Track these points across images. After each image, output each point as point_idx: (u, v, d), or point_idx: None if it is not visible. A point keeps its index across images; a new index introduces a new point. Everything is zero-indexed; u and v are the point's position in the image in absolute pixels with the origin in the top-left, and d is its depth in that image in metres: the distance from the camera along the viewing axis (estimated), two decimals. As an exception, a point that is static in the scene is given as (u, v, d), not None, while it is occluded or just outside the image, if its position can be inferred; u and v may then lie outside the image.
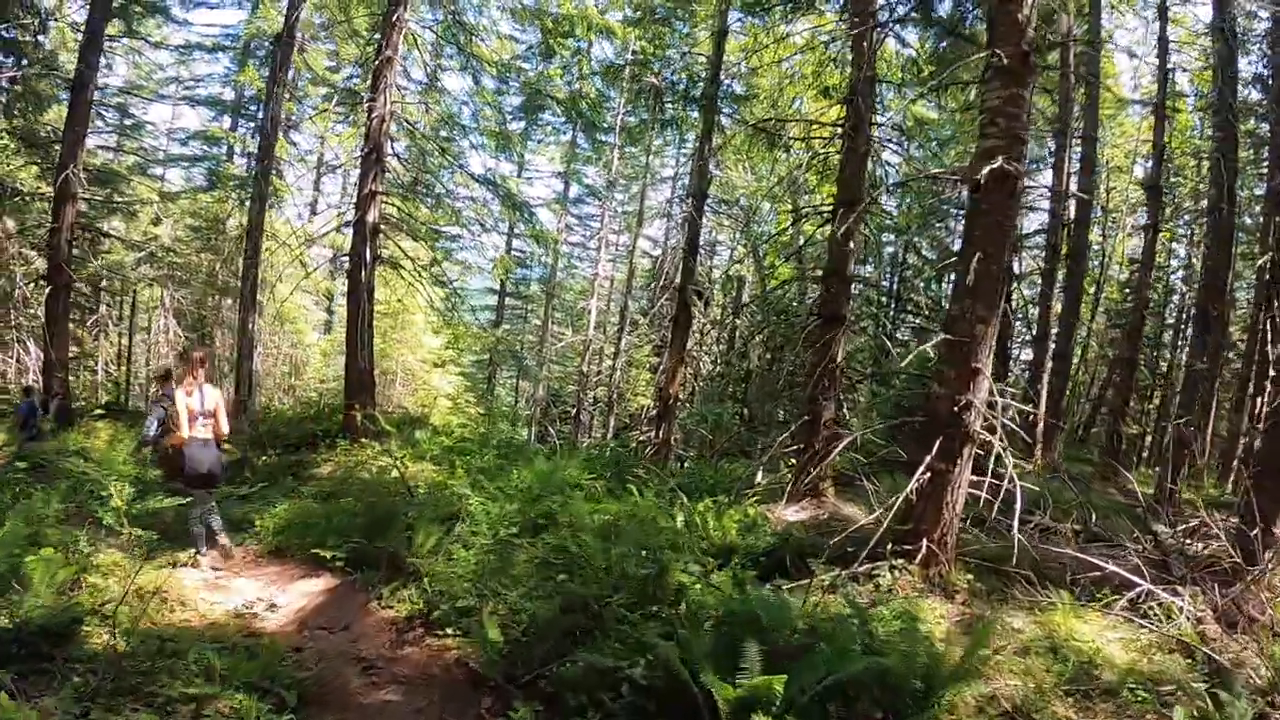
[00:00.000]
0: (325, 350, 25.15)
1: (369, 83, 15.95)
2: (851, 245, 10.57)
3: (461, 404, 23.35)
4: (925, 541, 6.72)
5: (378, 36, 16.10)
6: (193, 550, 7.14)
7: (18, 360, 20.09)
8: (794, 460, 11.03)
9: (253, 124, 26.01)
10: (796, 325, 16.20)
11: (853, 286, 11.52)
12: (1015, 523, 6.41)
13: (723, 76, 16.38)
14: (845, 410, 11.85)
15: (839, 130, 10.87)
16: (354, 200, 16.12)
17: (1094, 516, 8.83)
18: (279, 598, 6.81)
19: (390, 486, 9.48)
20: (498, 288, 33.63)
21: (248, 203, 18.96)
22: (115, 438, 15.41)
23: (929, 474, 6.71)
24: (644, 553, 6.17)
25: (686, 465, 16.73)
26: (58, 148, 16.47)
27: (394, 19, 15.09)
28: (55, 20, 18.56)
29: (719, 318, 25.45)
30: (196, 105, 26.55)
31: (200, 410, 6.77)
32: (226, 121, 27.34)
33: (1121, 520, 9.17)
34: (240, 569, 7.59)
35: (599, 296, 29.04)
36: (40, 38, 18.12)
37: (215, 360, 22.56)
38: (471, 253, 29.43)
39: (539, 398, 29.10)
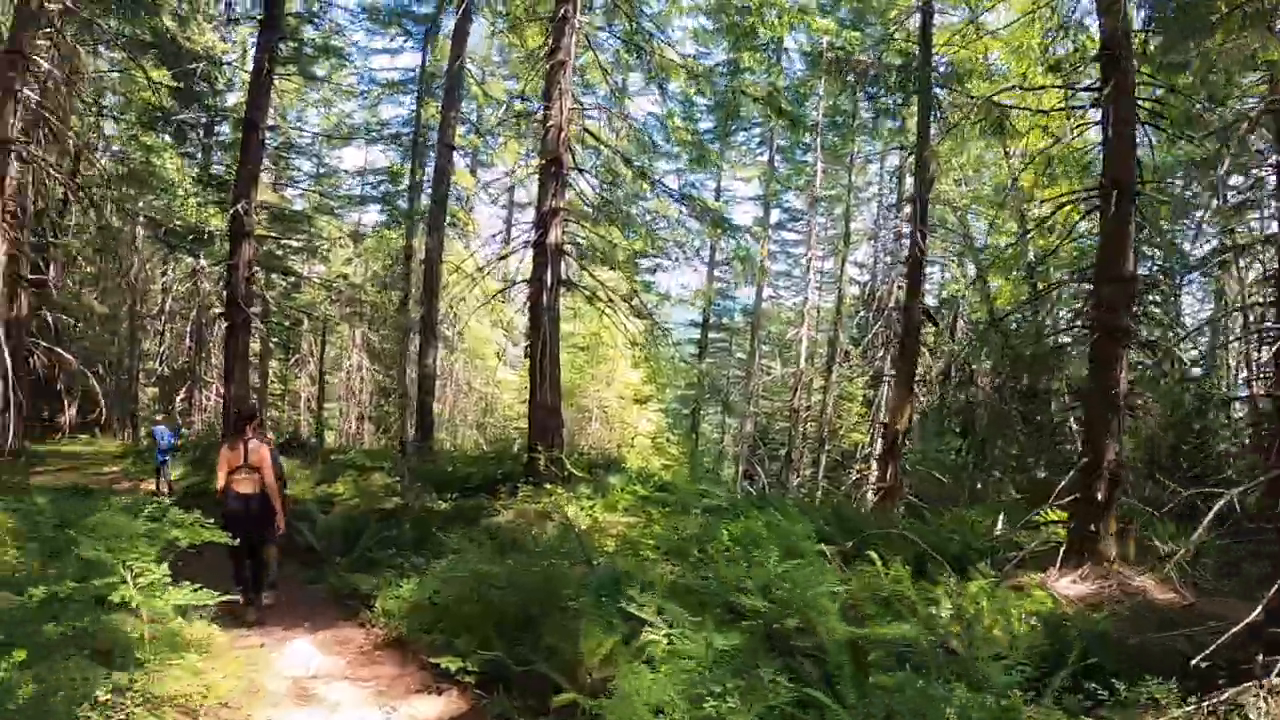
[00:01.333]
0: (517, 385, 24.15)
1: (543, 89, 14.74)
2: (1129, 237, 8.29)
3: (662, 443, 21.55)
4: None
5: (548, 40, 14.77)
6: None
7: (206, 399, 20.20)
8: (1063, 512, 8.43)
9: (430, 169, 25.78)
10: (1026, 345, 14.61)
11: (1134, 290, 9.03)
12: None
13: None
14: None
15: (1096, 97, 8.63)
16: (534, 221, 14.75)
17: None
18: (383, 721, 5.02)
19: (567, 547, 7.92)
20: (700, 319, 32.07)
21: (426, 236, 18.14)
22: (289, 476, 14.79)
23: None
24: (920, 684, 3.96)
25: (913, 514, 14.07)
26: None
27: (562, 14, 13.74)
28: (225, 65, 18.59)
29: (931, 343, 22.47)
30: (379, 143, 26.58)
31: (242, 463, 6.74)
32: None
33: None
34: (348, 667, 5.84)
35: (809, 325, 26.67)
36: (207, 84, 17.97)
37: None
38: (672, 281, 28.10)
39: (746, 434, 27.14)
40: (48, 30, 11.98)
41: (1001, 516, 9.74)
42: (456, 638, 5.47)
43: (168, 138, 19.10)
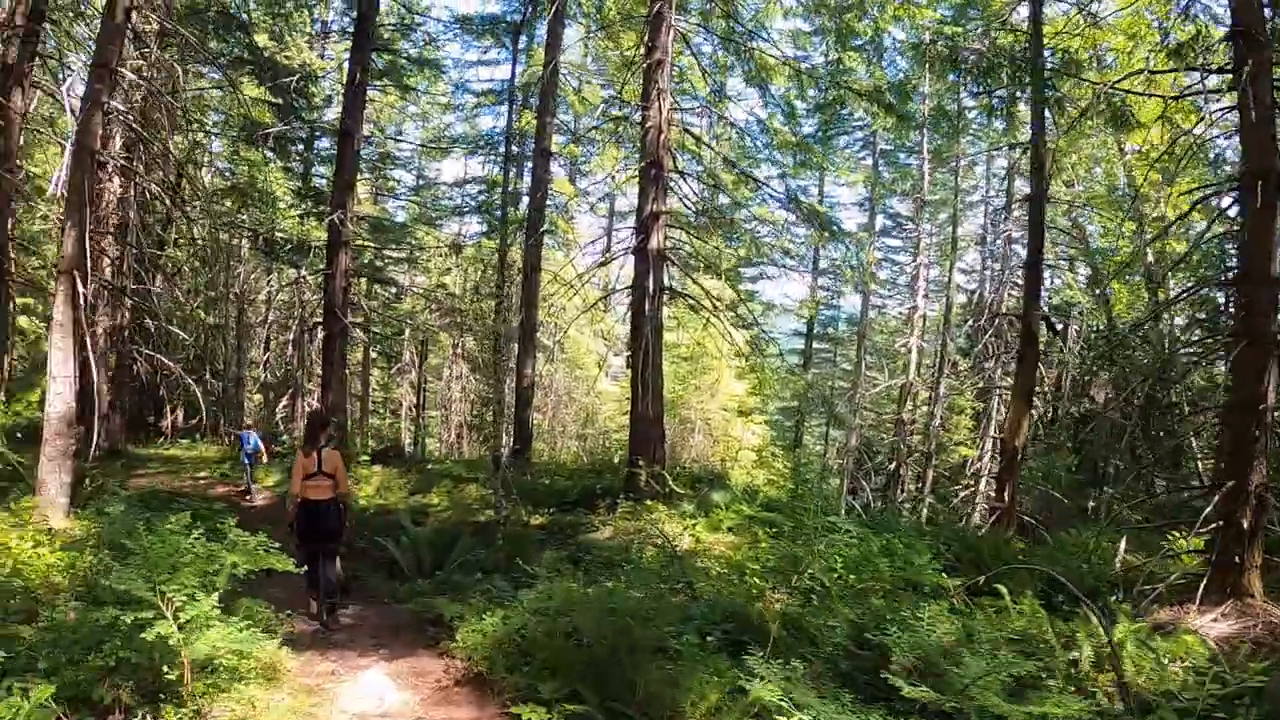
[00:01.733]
0: (618, 396, 23.58)
1: (640, 91, 14.28)
2: (1274, 233, 7.20)
3: (767, 457, 20.57)
4: None
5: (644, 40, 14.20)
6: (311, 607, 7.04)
7: (307, 406, 20.29)
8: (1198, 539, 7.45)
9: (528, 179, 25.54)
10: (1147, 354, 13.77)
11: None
12: None
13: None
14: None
15: (1230, 80, 7.77)
16: (634, 225, 14.16)
17: None
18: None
19: (668, 572, 7.50)
20: (804, 329, 30.96)
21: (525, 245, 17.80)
22: (384, 485, 14.58)
23: None
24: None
25: (1028, 536, 12.87)
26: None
27: (658, 12, 13.22)
28: (323, 80, 18.69)
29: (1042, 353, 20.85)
30: (476, 154, 26.57)
31: (316, 470, 6.80)
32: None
33: None
34: (421, 706, 5.13)
35: (918, 333, 25.30)
36: (304, 99, 18.12)
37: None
38: (774, 290, 27.20)
39: (850, 448, 25.85)
40: (144, 50, 12.19)
41: (1123, 543, 8.71)
42: (543, 681, 4.69)
43: (269, 153, 19.32)
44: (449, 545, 9.59)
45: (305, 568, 6.32)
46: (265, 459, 14.70)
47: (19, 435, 10.97)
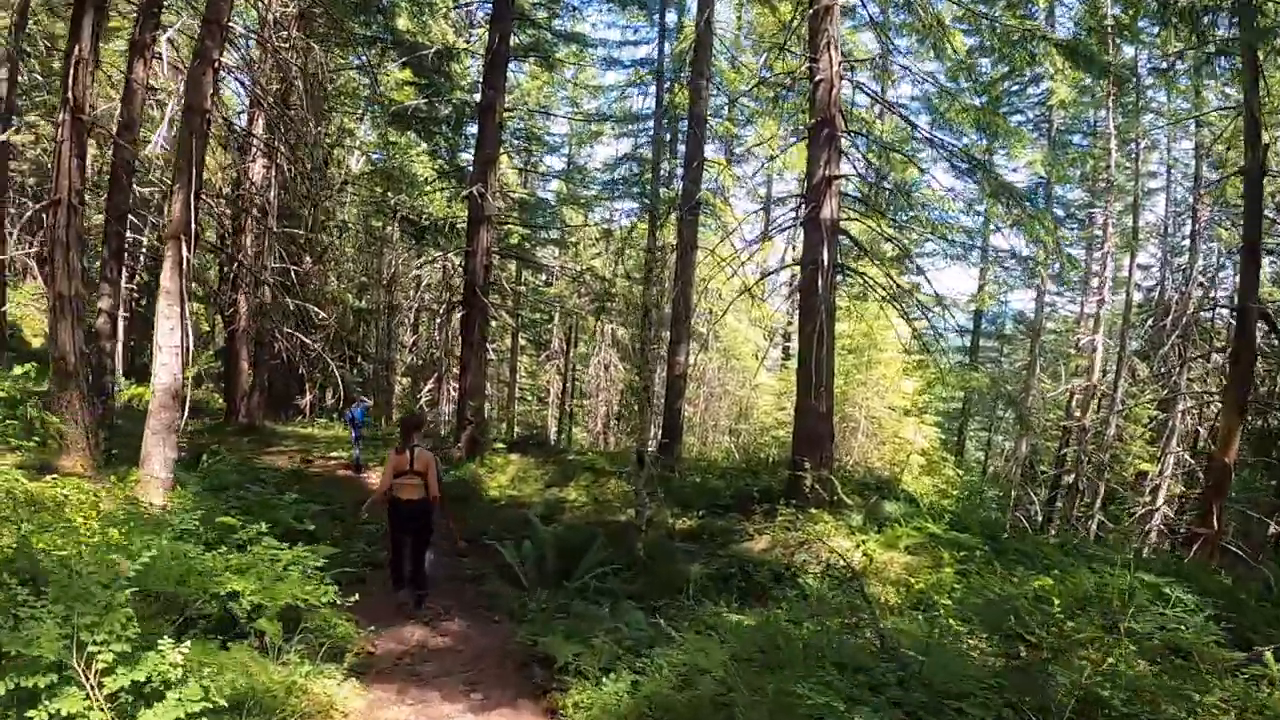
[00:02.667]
0: (777, 390, 21.88)
1: (806, 43, 12.57)
2: None
3: (937, 462, 18.36)
4: None
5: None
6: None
7: (453, 389, 19.78)
8: None
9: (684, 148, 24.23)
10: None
11: None
12: None
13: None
14: None
15: None
16: (802, 193, 12.45)
17: None
18: None
19: (838, 600, 6.37)
20: (970, 325, 28.20)
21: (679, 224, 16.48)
22: (519, 475, 13.61)
23: None
24: None
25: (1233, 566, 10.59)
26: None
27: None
28: (467, 60, 18.03)
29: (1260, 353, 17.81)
30: (626, 136, 25.40)
31: (408, 469, 6.80)
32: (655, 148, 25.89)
33: None
34: None
35: (1103, 330, 22.22)
36: (447, 80, 17.59)
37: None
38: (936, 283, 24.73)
39: (1019, 456, 23.04)
40: (283, 34, 12.06)
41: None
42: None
43: (414, 135, 18.93)
44: (580, 550, 8.33)
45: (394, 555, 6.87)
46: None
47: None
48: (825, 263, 11.12)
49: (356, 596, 5.20)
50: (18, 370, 10.20)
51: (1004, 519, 15.30)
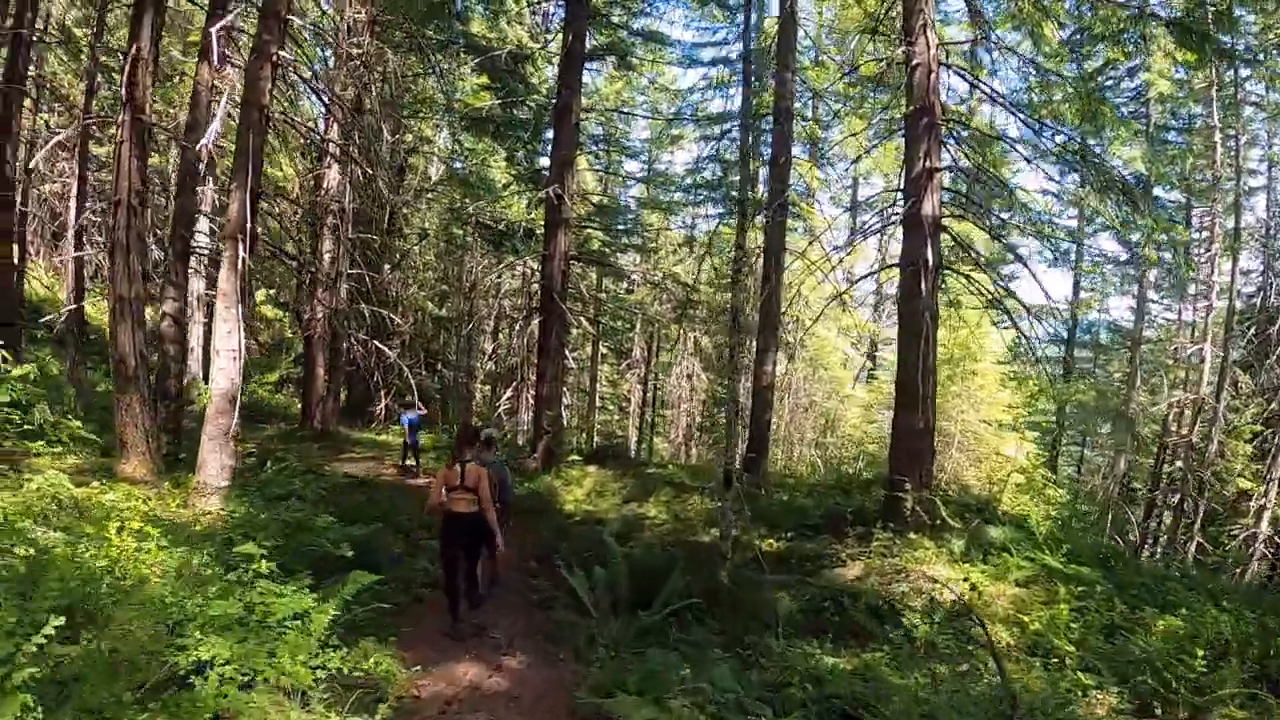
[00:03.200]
0: (866, 402, 20.79)
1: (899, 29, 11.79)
2: None
3: (1036, 480, 17.03)
4: None
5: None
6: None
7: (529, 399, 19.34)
8: None
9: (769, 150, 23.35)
10: None
11: None
12: None
13: None
14: None
15: None
16: (900, 186, 11.49)
17: None
18: None
19: (947, 644, 5.75)
20: (1065, 335, 26.47)
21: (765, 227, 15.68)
22: (596, 488, 12.96)
23: None
24: None
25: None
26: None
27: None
28: (531, 56, 17.66)
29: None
30: (708, 140, 24.50)
31: (459, 484, 6.65)
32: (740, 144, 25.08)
33: None
34: None
35: (1210, 339, 20.41)
36: (523, 84, 17.30)
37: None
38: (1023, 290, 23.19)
39: (1116, 473, 21.35)
40: (355, 41, 12.01)
41: None
42: None
43: (490, 140, 18.65)
44: (657, 575, 7.55)
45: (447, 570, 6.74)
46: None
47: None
48: (930, 263, 10.18)
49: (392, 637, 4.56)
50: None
51: (1103, 542, 14.06)
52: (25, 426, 6.71)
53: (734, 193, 21.16)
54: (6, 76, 10.97)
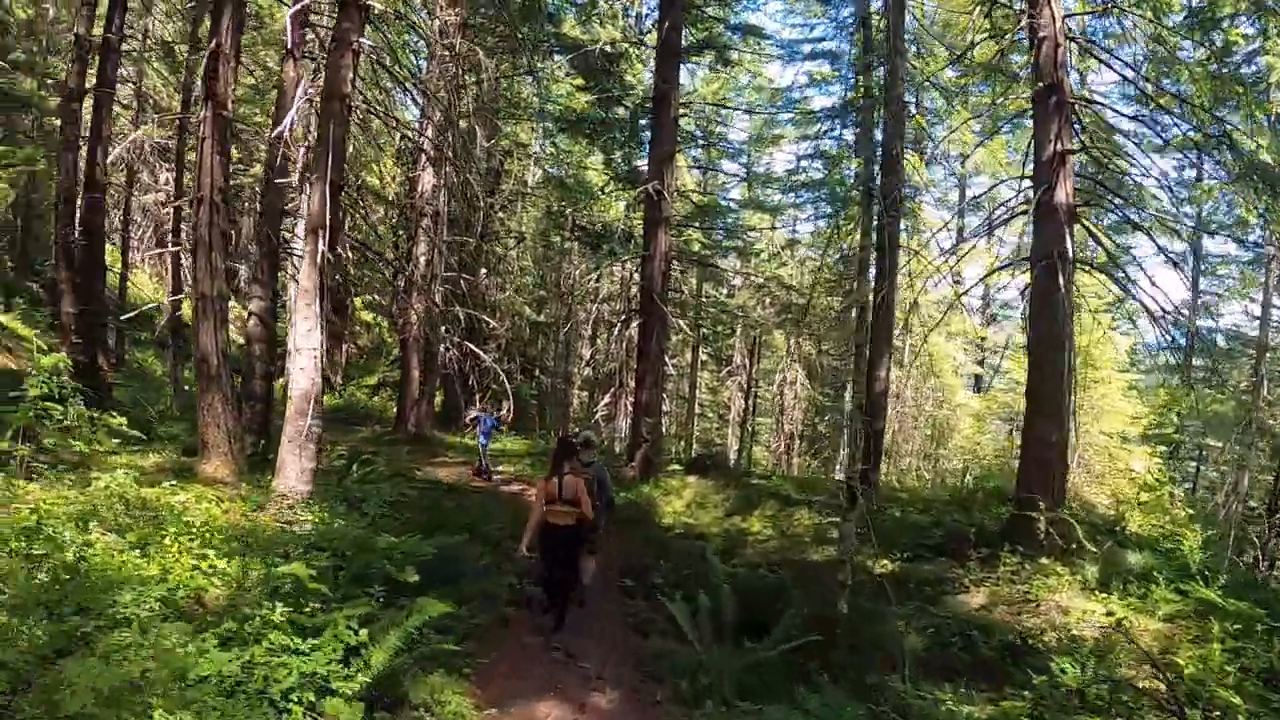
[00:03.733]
0: (979, 413, 19.40)
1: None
2: None
3: (1162, 497, 15.46)
4: None
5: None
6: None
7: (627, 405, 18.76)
8: None
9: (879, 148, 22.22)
10: None
11: None
12: None
13: None
14: None
15: None
16: (1029, 171, 10.38)
17: None
18: None
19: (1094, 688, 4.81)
20: (1184, 342, 24.32)
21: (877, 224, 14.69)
22: (697, 500, 12.22)
23: None
24: None
25: None
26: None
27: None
28: (625, 54, 17.17)
29: None
30: (810, 140, 23.50)
31: (558, 497, 6.60)
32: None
33: None
34: None
35: None
36: (620, 84, 16.95)
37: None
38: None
39: (1240, 491, 19.28)
40: (448, 43, 12.01)
41: None
42: None
43: (586, 142, 18.28)
44: (765, 601, 6.81)
45: (540, 587, 6.86)
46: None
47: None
48: (1069, 255, 9.08)
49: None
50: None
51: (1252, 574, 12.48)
52: (63, 422, 6.43)
53: (839, 189, 20.17)
54: (98, 81, 11.10)
